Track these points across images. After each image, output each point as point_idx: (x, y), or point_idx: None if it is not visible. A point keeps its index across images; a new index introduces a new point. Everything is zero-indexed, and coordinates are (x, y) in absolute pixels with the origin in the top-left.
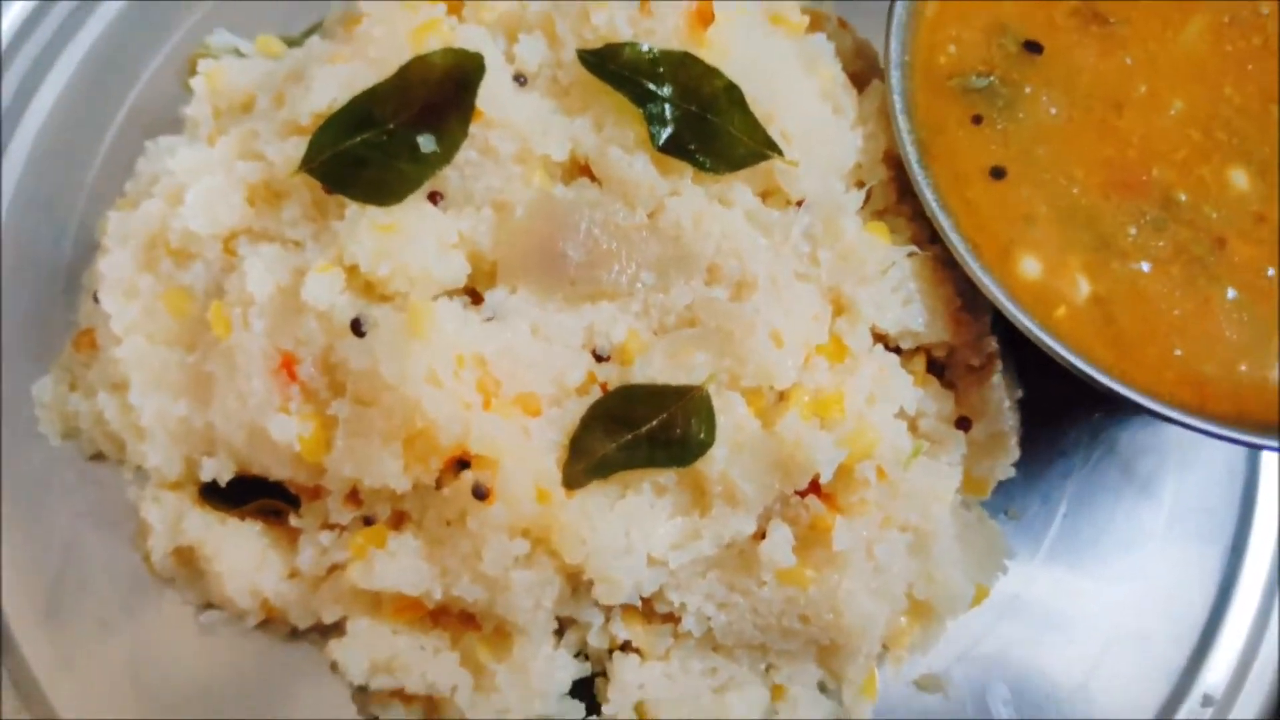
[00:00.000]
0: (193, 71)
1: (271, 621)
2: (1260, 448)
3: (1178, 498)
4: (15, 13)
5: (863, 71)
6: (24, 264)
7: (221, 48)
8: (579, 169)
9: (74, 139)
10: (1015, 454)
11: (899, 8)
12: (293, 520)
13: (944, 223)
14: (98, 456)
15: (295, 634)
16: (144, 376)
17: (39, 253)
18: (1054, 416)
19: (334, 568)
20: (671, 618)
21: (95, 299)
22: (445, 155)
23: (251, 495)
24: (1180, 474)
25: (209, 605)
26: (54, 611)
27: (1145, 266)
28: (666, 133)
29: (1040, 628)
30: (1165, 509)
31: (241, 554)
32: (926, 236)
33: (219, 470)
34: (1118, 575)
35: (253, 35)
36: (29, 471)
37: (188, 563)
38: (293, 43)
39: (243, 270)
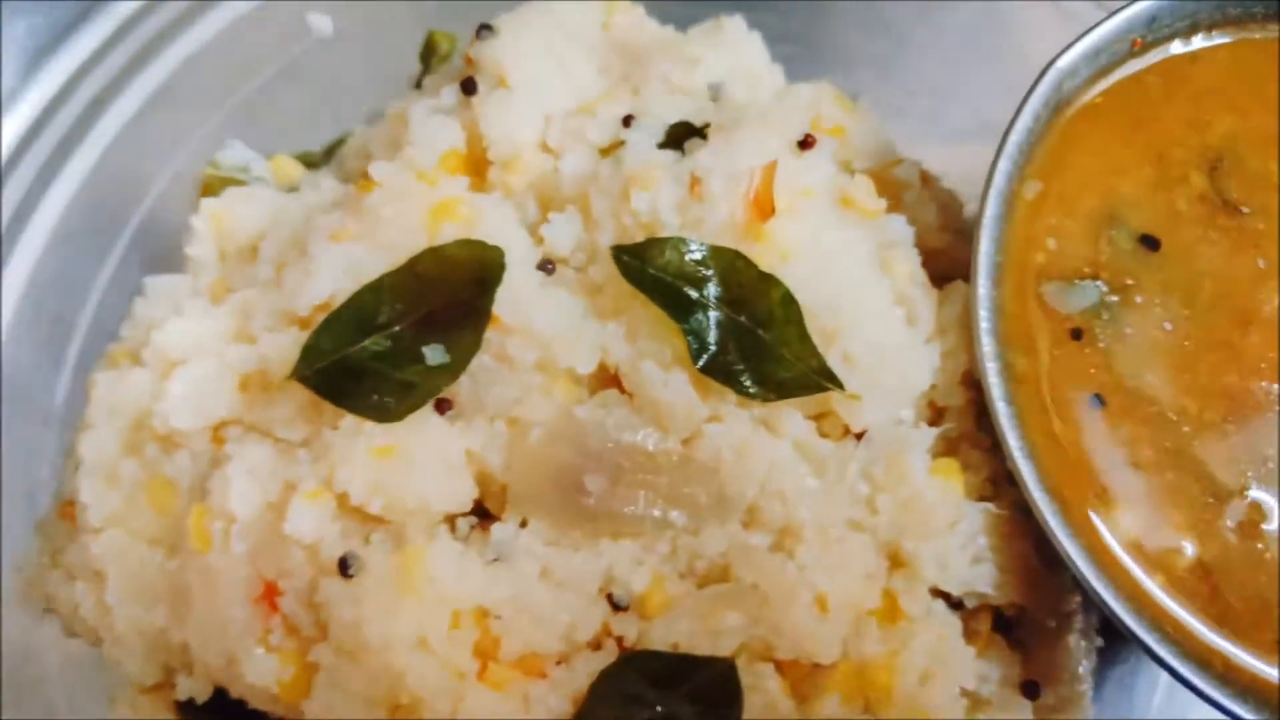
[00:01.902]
0: (200, 196)
1: None
2: None
3: None
4: (17, 123)
5: (948, 246)
6: (17, 408)
7: (232, 166)
8: (609, 377)
9: (73, 267)
10: (1089, 715)
11: (993, 199)
12: None
13: (1025, 474)
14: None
15: None
16: (121, 576)
17: (32, 396)
18: (1132, 661)
19: None
20: None
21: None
22: (455, 368)
23: (232, 715)
24: None
25: None
26: None
27: (1266, 527)
28: (709, 351)
29: None
30: None
31: None
32: (1005, 473)
33: (196, 690)
34: None
35: (270, 146)
36: (22, 644)
37: None
38: (311, 163)
39: (226, 477)
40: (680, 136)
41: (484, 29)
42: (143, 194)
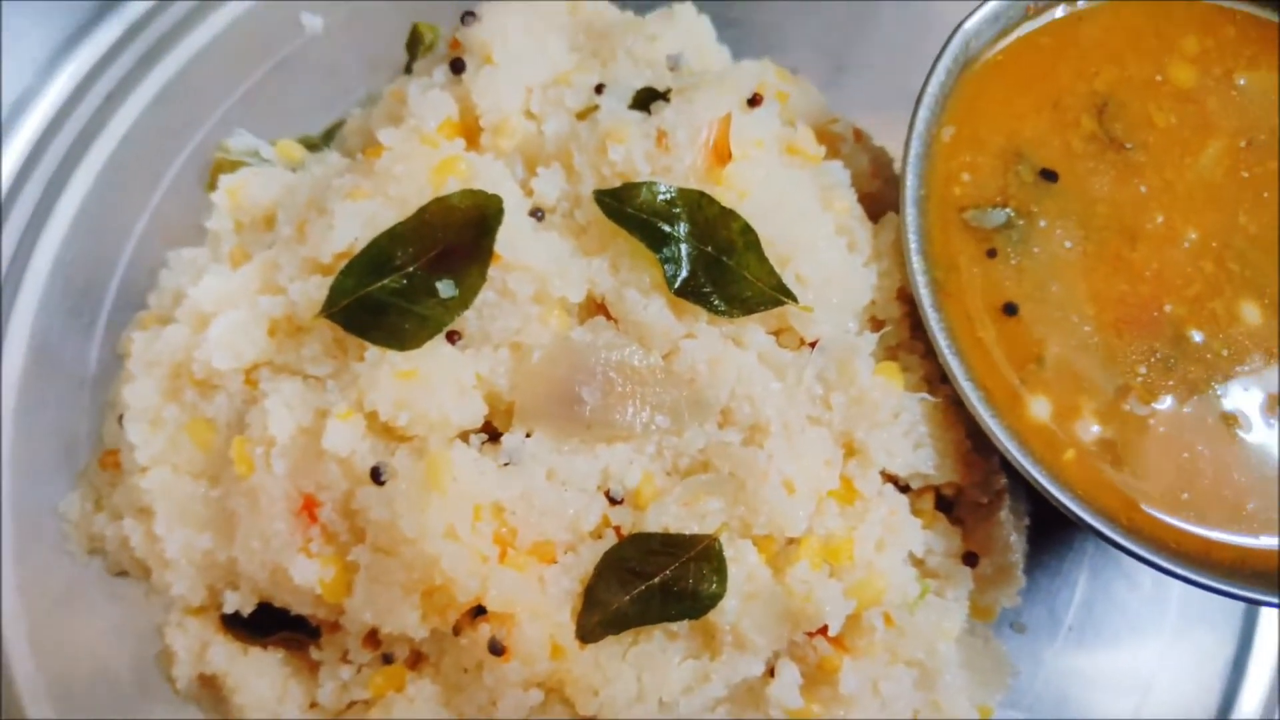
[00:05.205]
0: (213, 177)
1: None
2: (1259, 603)
3: (1185, 604)
4: (38, 119)
5: (879, 191)
6: (51, 372)
7: (241, 151)
8: (596, 306)
9: (98, 245)
10: (1021, 583)
11: (915, 141)
12: (313, 653)
13: (955, 370)
14: (122, 573)
15: None
16: (169, 508)
17: (65, 361)
18: (1059, 532)
19: (353, 703)
20: None
21: (120, 422)
22: (464, 300)
23: (274, 624)
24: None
25: None
26: None
27: (1155, 407)
28: (682, 276)
29: None
30: (1172, 613)
31: (263, 685)
32: (938, 374)
33: (242, 603)
34: (1123, 685)
35: (272, 133)
36: (55, 586)
37: (212, 686)
38: (312, 145)
39: (264, 408)
40: (646, 100)
41: (468, 15)
42: (158, 180)
